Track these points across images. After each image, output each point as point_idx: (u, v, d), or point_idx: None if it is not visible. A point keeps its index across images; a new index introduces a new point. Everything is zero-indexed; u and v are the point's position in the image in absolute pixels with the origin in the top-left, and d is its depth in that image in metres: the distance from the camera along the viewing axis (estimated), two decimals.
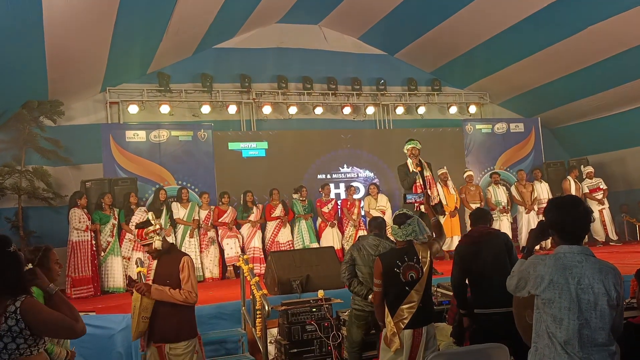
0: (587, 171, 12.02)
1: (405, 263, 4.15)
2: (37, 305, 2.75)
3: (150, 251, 4.53)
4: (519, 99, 13.53)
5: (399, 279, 4.11)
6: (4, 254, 2.77)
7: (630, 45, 10.15)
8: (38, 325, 2.70)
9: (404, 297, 4.08)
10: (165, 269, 4.45)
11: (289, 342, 5.90)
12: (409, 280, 4.11)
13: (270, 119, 12.13)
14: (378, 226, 5.47)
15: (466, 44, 11.84)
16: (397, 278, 4.12)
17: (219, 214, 10.29)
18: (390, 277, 4.15)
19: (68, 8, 7.54)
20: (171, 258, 4.49)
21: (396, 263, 4.16)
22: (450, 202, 10.94)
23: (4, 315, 2.66)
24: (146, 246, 4.53)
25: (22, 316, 2.66)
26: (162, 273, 4.45)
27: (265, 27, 12.27)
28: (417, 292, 4.10)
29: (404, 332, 4.05)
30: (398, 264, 4.15)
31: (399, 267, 4.13)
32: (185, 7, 9.07)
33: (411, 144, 8.53)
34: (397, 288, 4.13)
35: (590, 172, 11.98)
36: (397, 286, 4.13)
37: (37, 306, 2.74)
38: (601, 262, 2.84)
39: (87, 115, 11.00)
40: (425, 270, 4.14)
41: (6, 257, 2.77)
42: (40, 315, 2.72)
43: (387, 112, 13.11)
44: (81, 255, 8.88)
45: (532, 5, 9.86)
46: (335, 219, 10.96)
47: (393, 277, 4.13)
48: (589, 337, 2.72)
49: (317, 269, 7.39)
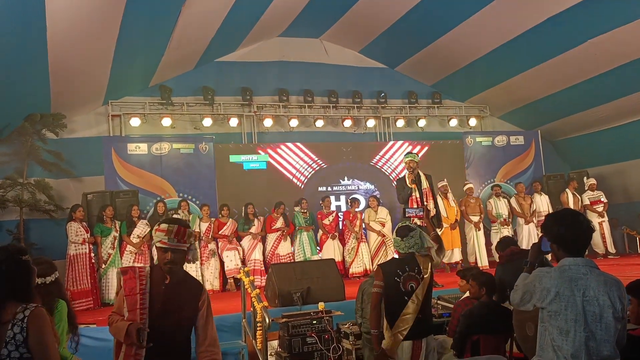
0: (590, 183, 12.02)
1: (406, 273, 4.15)
2: (45, 320, 2.72)
3: (172, 261, 3.23)
4: (519, 112, 13.56)
5: (399, 289, 4.11)
6: (17, 261, 2.81)
7: (630, 58, 10.20)
8: (34, 338, 2.66)
9: (402, 307, 4.08)
10: (178, 296, 3.26)
11: (289, 355, 5.88)
12: (409, 290, 4.11)
13: (272, 132, 12.18)
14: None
15: (466, 57, 11.91)
16: (397, 287, 4.12)
17: (219, 226, 10.29)
18: (390, 287, 4.15)
19: (71, 22, 7.61)
20: (187, 284, 3.34)
21: (397, 272, 4.16)
22: (450, 214, 10.95)
23: (11, 322, 2.66)
24: (174, 253, 3.22)
25: (27, 325, 2.66)
26: (175, 299, 3.23)
27: (267, 40, 12.35)
28: (415, 303, 4.09)
29: (403, 343, 4.04)
30: (399, 273, 4.15)
31: (399, 277, 4.13)
32: (187, 21, 9.14)
33: (409, 157, 8.58)
34: (397, 297, 4.12)
35: (593, 184, 11.99)
36: (396, 295, 4.12)
37: (44, 320, 2.71)
38: (605, 274, 2.86)
39: (89, 128, 11.04)
40: (425, 280, 4.14)
41: (19, 264, 2.81)
42: (42, 330, 2.69)
43: (388, 125, 13.16)
44: (79, 268, 8.87)
45: (533, 18, 9.93)
46: (336, 231, 10.97)
47: (393, 286, 4.13)
48: (595, 350, 2.73)
49: (317, 281, 7.39)
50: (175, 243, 3.19)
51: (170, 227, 3.21)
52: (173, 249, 3.19)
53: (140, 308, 3.15)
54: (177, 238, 3.19)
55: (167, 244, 3.19)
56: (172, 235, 3.19)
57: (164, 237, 3.20)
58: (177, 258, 3.22)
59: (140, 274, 3.25)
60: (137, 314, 3.14)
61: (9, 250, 2.84)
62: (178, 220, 3.37)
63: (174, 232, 3.20)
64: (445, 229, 10.82)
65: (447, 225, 10.85)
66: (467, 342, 4.63)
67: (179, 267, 3.26)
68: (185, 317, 3.22)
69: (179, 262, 3.24)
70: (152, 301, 3.20)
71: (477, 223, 11.18)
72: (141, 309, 3.16)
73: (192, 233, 3.29)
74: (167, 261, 3.20)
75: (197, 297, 3.27)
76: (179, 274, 3.29)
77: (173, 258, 3.21)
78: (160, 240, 3.21)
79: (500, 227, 11.33)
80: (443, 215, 10.88)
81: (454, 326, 5.01)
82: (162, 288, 3.23)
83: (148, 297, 3.19)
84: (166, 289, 3.22)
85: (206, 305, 3.28)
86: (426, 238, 4.33)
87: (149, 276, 3.27)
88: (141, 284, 3.21)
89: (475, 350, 4.52)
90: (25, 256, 2.86)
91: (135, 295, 3.18)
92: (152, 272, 3.29)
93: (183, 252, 3.24)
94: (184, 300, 3.24)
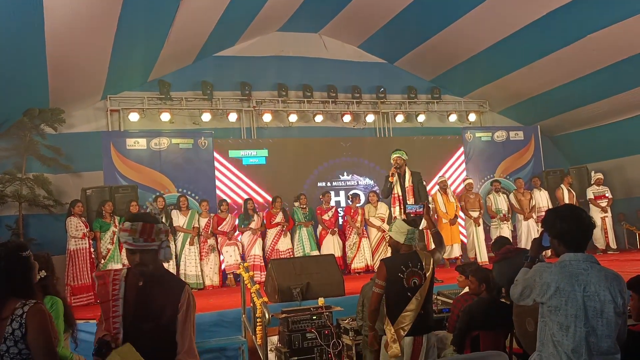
0: (597, 178, 11.98)
1: (409, 269, 4.15)
2: (43, 316, 2.72)
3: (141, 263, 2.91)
4: (519, 107, 13.55)
5: (402, 285, 4.11)
6: (17, 257, 2.81)
7: (630, 53, 10.18)
8: (32, 334, 2.66)
9: (405, 303, 4.08)
10: (153, 299, 2.91)
11: (289, 350, 5.89)
12: (412, 287, 4.11)
13: (271, 127, 12.15)
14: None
15: (466, 52, 11.89)
16: (400, 283, 4.12)
17: (218, 221, 10.28)
18: (393, 282, 4.15)
19: (69, 17, 7.58)
20: (166, 285, 2.98)
21: (400, 268, 4.16)
22: (449, 210, 10.96)
23: (10, 317, 2.67)
24: (142, 254, 2.90)
25: (26, 321, 2.66)
26: (150, 303, 2.90)
27: (266, 35, 12.32)
28: (419, 299, 4.09)
29: (405, 339, 4.05)
30: (402, 269, 4.15)
31: (403, 273, 4.13)
32: (186, 15, 9.11)
33: (397, 153, 8.50)
34: (400, 293, 4.12)
35: (599, 179, 11.95)
36: (399, 291, 4.12)
37: (43, 316, 2.71)
38: (606, 269, 2.86)
39: (87, 123, 11.02)
40: (428, 277, 4.14)
41: (19, 260, 2.81)
42: (41, 326, 2.69)
43: (387, 120, 13.13)
44: (80, 263, 8.88)
45: (532, 13, 9.91)
46: (336, 227, 10.96)
47: (396, 282, 4.13)
48: (595, 345, 2.74)
49: (317, 276, 7.38)
50: (141, 243, 2.85)
51: (133, 225, 2.85)
52: (141, 249, 2.86)
53: (112, 316, 2.86)
54: (143, 237, 2.84)
55: (134, 245, 2.85)
56: (137, 234, 2.84)
57: (128, 237, 2.84)
58: (146, 259, 2.88)
59: (115, 278, 2.93)
60: (110, 322, 2.85)
61: (9, 246, 2.85)
62: (142, 216, 2.99)
63: (139, 230, 2.84)
64: (444, 224, 10.88)
65: (447, 221, 10.88)
66: (466, 338, 4.63)
67: (151, 267, 2.90)
68: (164, 321, 2.86)
69: (150, 263, 2.89)
70: (126, 307, 2.88)
71: (476, 218, 11.17)
72: (114, 317, 2.86)
73: (162, 229, 2.93)
74: (136, 263, 2.89)
75: (176, 299, 2.89)
76: (155, 275, 2.93)
77: (142, 259, 2.88)
78: (125, 242, 2.87)
79: (500, 222, 11.32)
80: (442, 210, 10.94)
81: (454, 322, 5.01)
82: (135, 292, 2.90)
83: (121, 303, 2.88)
84: (139, 293, 2.89)
85: (185, 308, 2.89)
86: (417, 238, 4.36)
87: (124, 279, 2.94)
88: (114, 289, 2.90)
89: (475, 346, 4.53)
90: (25, 252, 2.86)
91: (108, 302, 2.88)
92: (128, 274, 2.96)
93: (154, 251, 2.89)
94: (161, 303, 2.88)
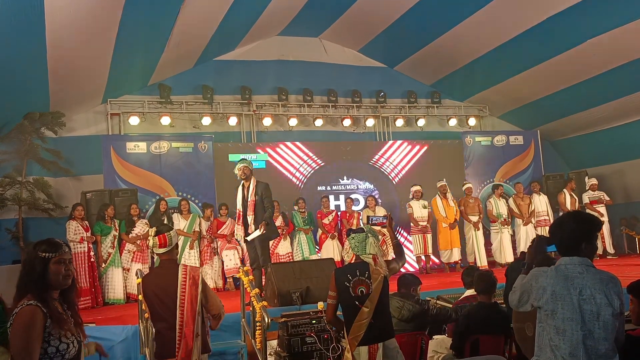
0: (591, 183, 12.01)
1: (355, 277, 4.04)
2: (28, 317, 2.61)
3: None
4: (519, 112, 13.56)
5: (349, 294, 4.02)
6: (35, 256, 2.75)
7: (630, 58, 10.20)
8: (12, 332, 2.59)
9: (355, 313, 3.97)
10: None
11: (288, 354, 5.87)
12: (359, 295, 3.99)
13: (271, 131, 12.16)
14: (406, 284, 5.36)
15: (466, 57, 11.90)
16: (347, 292, 4.02)
17: (217, 225, 10.28)
18: (342, 292, 4.06)
19: (70, 20, 7.60)
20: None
21: (347, 277, 4.06)
22: (449, 214, 10.96)
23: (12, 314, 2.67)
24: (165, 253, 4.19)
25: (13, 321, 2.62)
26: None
27: (266, 39, 12.33)
28: (368, 308, 3.97)
29: (359, 349, 3.93)
30: (349, 278, 4.04)
31: (349, 282, 4.03)
32: (186, 19, 9.13)
33: (243, 162, 7.80)
34: (348, 303, 4.03)
35: (594, 184, 11.98)
36: (347, 301, 4.02)
37: (26, 317, 2.61)
38: (602, 272, 2.87)
39: (88, 127, 11.02)
40: (374, 286, 4.02)
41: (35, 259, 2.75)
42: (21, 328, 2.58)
43: (387, 124, 13.14)
44: (78, 267, 8.80)
45: (532, 18, 9.92)
46: (336, 231, 10.96)
47: (345, 291, 4.04)
48: (593, 348, 2.74)
49: (317, 280, 7.36)
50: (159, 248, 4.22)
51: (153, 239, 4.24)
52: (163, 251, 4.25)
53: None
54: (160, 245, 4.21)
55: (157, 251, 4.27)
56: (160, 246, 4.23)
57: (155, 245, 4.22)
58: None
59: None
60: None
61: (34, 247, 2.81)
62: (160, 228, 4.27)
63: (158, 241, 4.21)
64: (444, 228, 10.88)
65: (447, 225, 10.88)
66: (466, 343, 4.63)
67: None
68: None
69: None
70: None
71: (476, 223, 11.17)
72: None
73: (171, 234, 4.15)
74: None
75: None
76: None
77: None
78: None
79: (501, 227, 11.33)
80: (442, 215, 10.94)
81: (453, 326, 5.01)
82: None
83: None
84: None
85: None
86: (372, 245, 4.21)
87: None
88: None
89: (475, 351, 4.53)
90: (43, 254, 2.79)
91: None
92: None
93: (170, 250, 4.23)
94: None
